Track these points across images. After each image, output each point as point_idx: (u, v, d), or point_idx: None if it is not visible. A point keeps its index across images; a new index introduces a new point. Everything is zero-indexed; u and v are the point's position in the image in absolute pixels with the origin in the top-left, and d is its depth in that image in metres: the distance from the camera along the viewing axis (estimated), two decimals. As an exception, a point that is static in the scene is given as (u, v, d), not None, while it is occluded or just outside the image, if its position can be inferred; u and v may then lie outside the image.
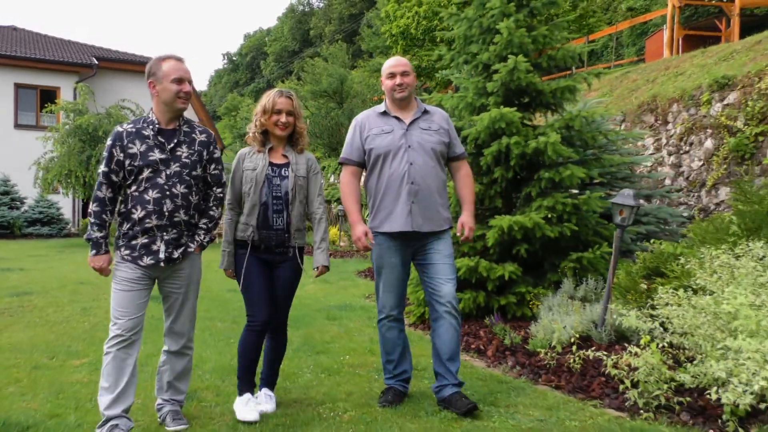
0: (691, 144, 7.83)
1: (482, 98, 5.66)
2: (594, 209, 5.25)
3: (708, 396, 2.90)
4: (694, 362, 3.12)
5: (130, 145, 2.89)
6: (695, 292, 3.51)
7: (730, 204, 5.42)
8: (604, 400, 3.41)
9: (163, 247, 2.92)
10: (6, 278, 8.68)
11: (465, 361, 4.28)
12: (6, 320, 5.76)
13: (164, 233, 2.91)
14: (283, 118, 3.24)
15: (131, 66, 23.11)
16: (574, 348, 3.88)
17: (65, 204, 19.71)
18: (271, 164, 3.28)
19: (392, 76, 3.45)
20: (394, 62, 3.51)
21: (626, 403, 3.28)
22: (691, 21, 19.45)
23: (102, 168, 2.91)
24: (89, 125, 14.72)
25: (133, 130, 2.93)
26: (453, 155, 3.58)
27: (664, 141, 8.40)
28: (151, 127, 2.94)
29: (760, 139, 6.61)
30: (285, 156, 3.33)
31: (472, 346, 4.64)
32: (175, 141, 2.96)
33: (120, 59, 23.22)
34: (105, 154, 2.92)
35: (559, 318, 4.44)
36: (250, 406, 3.14)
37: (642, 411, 3.16)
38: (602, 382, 3.59)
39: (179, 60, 2.96)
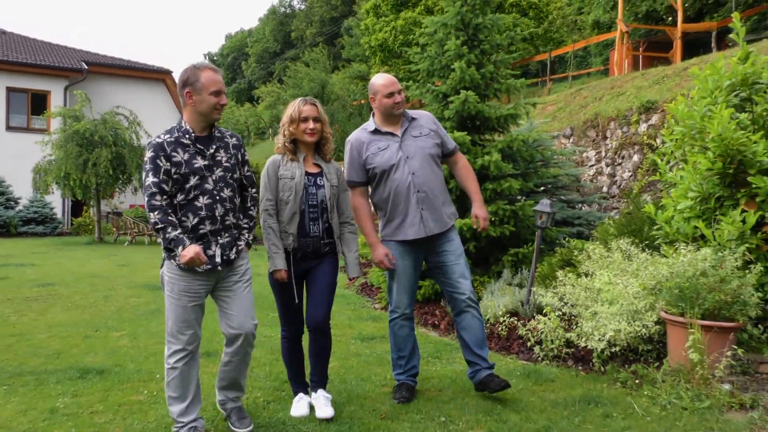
0: (623, 157, 9.19)
1: (441, 122, 6.88)
2: (529, 213, 6.53)
3: (579, 344, 4.19)
4: (579, 324, 4.39)
5: (173, 153, 2.92)
6: (586, 275, 4.79)
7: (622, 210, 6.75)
8: (519, 355, 4.68)
9: (219, 251, 2.97)
10: (23, 272, 9.73)
11: (422, 332, 5.54)
12: (42, 305, 6.87)
13: (218, 237, 2.98)
14: (311, 125, 3.34)
15: (120, 71, 24.11)
16: (501, 319, 5.15)
17: (58, 204, 20.66)
18: (306, 173, 3.40)
19: (391, 95, 3.59)
20: (390, 81, 3.63)
21: (533, 356, 4.55)
22: (651, 35, 20.97)
23: (151, 179, 2.88)
24: (86, 130, 15.72)
25: (172, 139, 2.95)
26: (446, 152, 3.77)
27: (603, 154, 9.75)
28: (187, 136, 2.97)
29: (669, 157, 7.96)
30: (317, 165, 3.45)
31: (429, 322, 5.89)
32: (213, 147, 3.02)
33: (108, 64, 24.09)
34: (148, 166, 2.90)
35: (496, 299, 5.71)
36: (301, 404, 3.36)
37: (542, 360, 4.44)
38: (520, 343, 4.86)
39: (216, 71, 2.98)
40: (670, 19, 20.30)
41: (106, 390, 3.79)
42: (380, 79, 3.66)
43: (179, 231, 2.87)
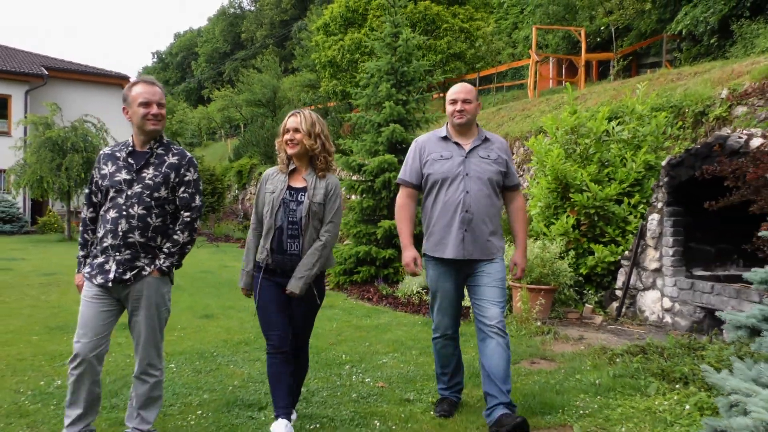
0: (524, 170, 11.50)
1: (376, 146, 8.99)
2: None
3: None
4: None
5: (103, 166, 3.01)
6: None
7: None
8: (426, 314, 6.80)
9: (114, 267, 2.91)
10: (21, 265, 11.27)
11: (359, 303, 7.61)
12: (59, 288, 8.58)
13: (117, 253, 2.91)
14: (289, 135, 3.23)
15: (79, 75, 25.15)
16: (416, 290, 7.26)
17: (20, 204, 21.79)
18: (290, 188, 3.25)
19: (454, 102, 3.46)
20: (458, 89, 3.51)
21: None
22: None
23: (85, 189, 3.08)
24: (58, 138, 17.15)
25: (110, 152, 3.06)
26: (508, 185, 3.56)
27: (510, 166, 12.04)
28: (125, 149, 3.02)
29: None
30: (305, 180, 3.27)
31: (365, 297, 7.97)
32: (144, 162, 2.99)
33: (68, 69, 25.11)
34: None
35: (411, 280, 7.83)
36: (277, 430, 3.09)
37: (438, 316, 6.57)
38: (426, 307, 6.98)
39: (148, 83, 2.99)
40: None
41: (147, 335, 5.69)
42: (454, 87, 3.57)
43: (83, 253, 3.07)
